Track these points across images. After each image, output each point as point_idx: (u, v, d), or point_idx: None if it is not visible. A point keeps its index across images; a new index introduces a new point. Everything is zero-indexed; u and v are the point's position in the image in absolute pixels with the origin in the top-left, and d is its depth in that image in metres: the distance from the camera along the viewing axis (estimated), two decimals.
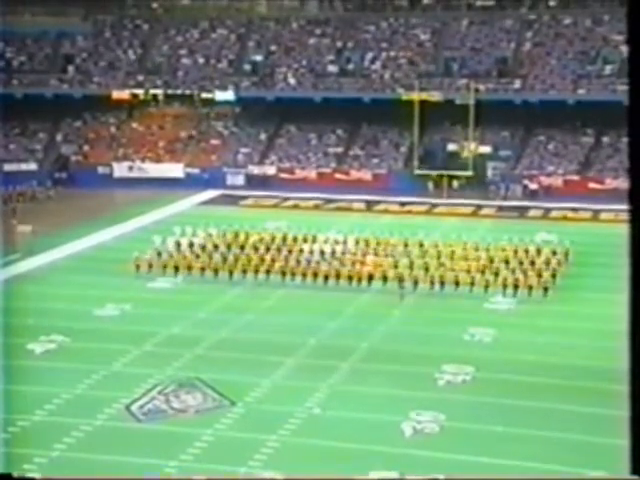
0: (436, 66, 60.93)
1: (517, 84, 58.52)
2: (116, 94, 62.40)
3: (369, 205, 51.29)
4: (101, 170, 59.92)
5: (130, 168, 59.86)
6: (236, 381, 24.75)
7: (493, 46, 61.14)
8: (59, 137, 63.57)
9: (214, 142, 62.42)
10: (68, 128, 64.20)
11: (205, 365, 26.14)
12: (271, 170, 59.14)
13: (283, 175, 58.72)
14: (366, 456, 20.26)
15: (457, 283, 33.86)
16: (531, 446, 20.73)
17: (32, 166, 59.77)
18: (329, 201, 51.98)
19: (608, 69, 57.86)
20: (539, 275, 34.37)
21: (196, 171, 59.29)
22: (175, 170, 59.49)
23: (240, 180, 58.72)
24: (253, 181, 58.18)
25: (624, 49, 58.41)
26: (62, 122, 64.27)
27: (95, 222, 45.29)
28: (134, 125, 64.20)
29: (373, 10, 64.53)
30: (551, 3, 62.12)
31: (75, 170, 60.38)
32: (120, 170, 59.81)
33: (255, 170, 59.15)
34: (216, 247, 38.22)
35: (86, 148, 62.52)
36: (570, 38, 60.20)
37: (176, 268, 36.18)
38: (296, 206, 50.76)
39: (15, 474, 8.46)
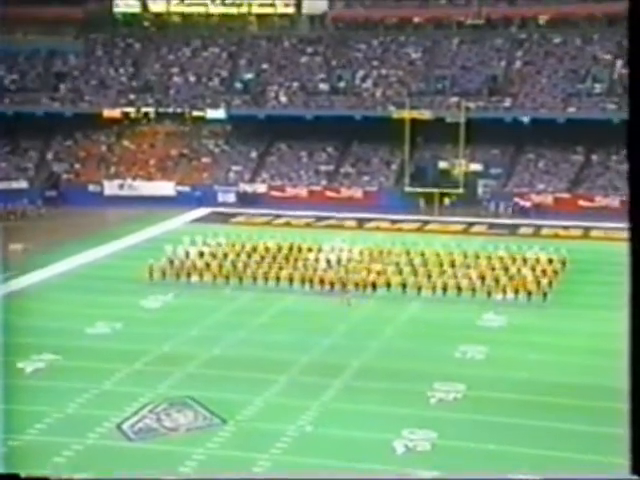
0: (427, 84, 61.24)
1: (507, 102, 58.85)
2: (107, 112, 62.51)
3: (360, 223, 51.36)
4: (92, 188, 59.92)
5: (121, 186, 59.87)
6: (228, 399, 24.67)
7: (483, 65, 61.53)
8: (50, 155, 63.56)
9: (205, 160, 62.51)
10: (59, 146, 64.22)
11: (196, 383, 26.05)
12: (262, 188, 59.23)
13: (274, 193, 58.81)
14: (358, 474, 20.20)
15: (459, 289, 35.31)
16: (524, 464, 20.68)
17: (23, 184, 59.73)
18: (320, 219, 52.05)
19: (598, 88, 58.26)
20: (538, 282, 35.55)
21: (187, 189, 59.34)
22: (166, 188, 59.51)
23: (231, 198, 58.79)
24: (244, 199, 58.24)
25: (614, 68, 58.92)
26: (53, 140, 64.29)
27: (86, 240, 45.20)
28: (125, 143, 64.25)
29: (364, 29, 64.88)
30: (541, 22, 62.54)
31: (66, 188, 60.35)
32: (111, 188, 59.80)
33: (246, 188, 59.23)
34: (225, 255, 39.49)
35: (77, 166, 62.51)
36: (560, 57, 60.63)
37: (188, 275, 37.60)
38: (287, 224, 50.80)
39: (23, 474, 8.43)
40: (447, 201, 55.94)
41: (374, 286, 36.23)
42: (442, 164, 58.72)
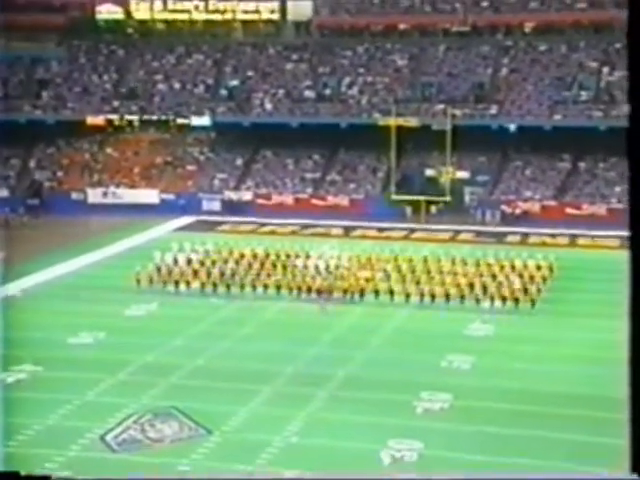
0: (413, 91, 61.38)
1: (494, 110, 59.06)
2: (91, 120, 62.34)
3: (347, 231, 51.37)
4: (75, 196, 59.71)
5: (104, 194, 59.69)
6: (213, 410, 24.57)
7: (470, 72, 61.73)
8: (32, 163, 63.32)
9: (190, 168, 62.40)
10: (42, 154, 63.98)
11: (181, 393, 25.94)
12: (247, 196, 59.17)
13: (260, 201, 58.76)
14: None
15: (447, 296, 35.49)
16: None
17: (4, 193, 59.49)
18: (306, 227, 52.02)
19: (584, 95, 58.54)
20: (525, 289, 35.81)
21: (172, 197, 59.21)
22: (150, 196, 59.35)
23: (216, 206, 58.68)
24: (229, 207, 58.14)
25: (600, 75, 59.23)
26: (35, 148, 64.06)
27: (69, 249, 44.99)
28: (109, 151, 64.07)
29: (350, 36, 65.00)
30: (527, 30, 62.83)
31: (49, 196, 60.10)
32: (94, 196, 59.61)
33: (231, 196, 59.15)
34: (213, 262, 39.57)
35: (60, 174, 62.28)
36: (546, 64, 60.90)
37: (176, 283, 37.65)
38: (273, 232, 50.75)
39: (23, 472, 8.35)
40: (434, 209, 56.04)
41: (362, 293, 36.43)
42: (428, 172, 58.83)
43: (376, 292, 36.28)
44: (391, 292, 36.09)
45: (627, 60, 5.87)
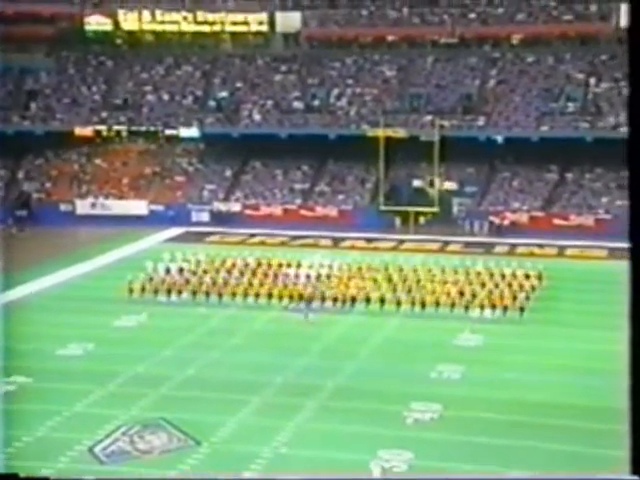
0: (401, 103, 61.57)
1: (481, 121, 59.30)
2: (79, 131, 62.25)
3: (335, 241, 51.40)
4: (63, 207, 59.57)
5: (93, 205, 59.58)
6: (202, 420, 24.52)
7: (458, 83, 61.99)
8: (21, 174, 63.14)
9: (179, 179, 62.36)
10: (30, 165, 63.82)
11: (170, 404, 25.89)
12: (236, 207, 59.15)
13: (248, 212, 58.74)
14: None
15: (437, 304, 35.88)
16: None
17: None
18: (295, 238, 52.03)
19: (571, 106, 58.84)
20: (514, 297, 36.18)
21: (160, 208, 59.12)
22: (139, 207, 59.27)
23: (205, 217, 58.64)
24: (218, 218, 58.10)
25: (587, 87, 59.56)
26: (24, 159, 63.89)
27: (58, 260, 44.88)
28: (97, 162, 63.96)
29: (338, 47, 65.19)
30: (514, 42, 63.16)
31: (37, 207, 59.93)
32: (83, 207, 59.49)
33: (220, 207, 59.12)
34: (205, 272, 39.83)
35: (48, 185, 62.13)
36: (533, 76, 61.21)
37: (168, 292, 37.90)
38: (262, 243, 50.73)
39: (22, 474, 8.36)
40: (422, 220, 56.16)
41: (353, 301, 36.63)
42: (417, 182, 58.99)
43: (367, 300, 36.52)
44: (382, 300, 36.30)
45: (629, 69, 6.09)
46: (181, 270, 40.04)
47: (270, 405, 26.04)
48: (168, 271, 39.84)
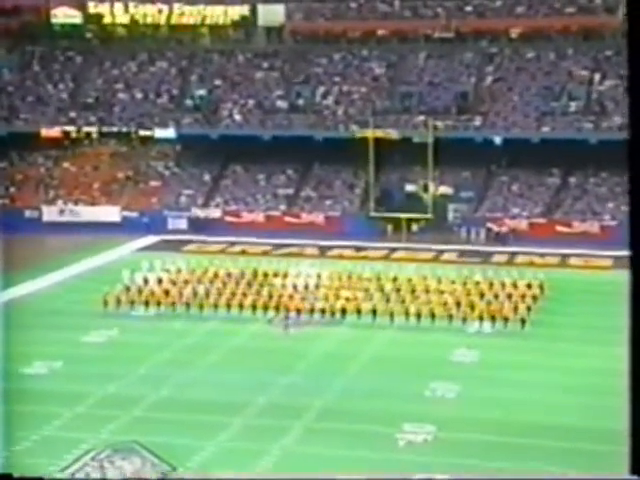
0: (392, 102, 61.70)
1: (478, 121, 59.46)
2: (45, 132, 62.10)
3: (322, 250, 51.37)
4: (29, 214, 59.41)
5: (61, 212, 59.42)
6: (178, 444, 24.42)
7: (452, 81, 62.16)
8: None
9: (154, 183, 62.27)
10: None
11: (143, 427, 25.78)
12: (216, 213, 59.10)
13: (229, 219, 58.69)
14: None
15: (433, 316, 35.93)
16: None
17: None
18: (279, 246, 51.98)
19: (573, 106, 59.08)
20: (515, 308, 36.34)
21: (134, 215, 59.02)
22: (111, 214, 59.15)
23: (183, 224, 58.55)
24: (197, 225, 58.03)
25: (591, 84, 59.83)
26: None
27: (23, 271, 44.63)
28: (66, 165, 63.80)
29: (325, 42, 65.31)
30: (513, 36, 63.37)
31: (0, 214, 59.66)
32: (50, 214, 59.32)
33: (199, 213, 59.06)
34: (186, 282, 39.89)
35: (12, 190, 61.93)
36: (533, 73, 61.45)
37: (146, 303, 37.99)
38: (243, 252, 50.67)
39: (16, 474, 8.37)
40: (415, 227, 56.21)
41: (343, 313, 36.66)
42: (409, 187, 59.05)
43: (358, 312, 36.57)
44: (374, 312, 36.36)
45: (627, 68, 6.04)
46: (160, 280, 40.02)
47: (252, 427, 25.97)
48: (146, 281, 39.83)
